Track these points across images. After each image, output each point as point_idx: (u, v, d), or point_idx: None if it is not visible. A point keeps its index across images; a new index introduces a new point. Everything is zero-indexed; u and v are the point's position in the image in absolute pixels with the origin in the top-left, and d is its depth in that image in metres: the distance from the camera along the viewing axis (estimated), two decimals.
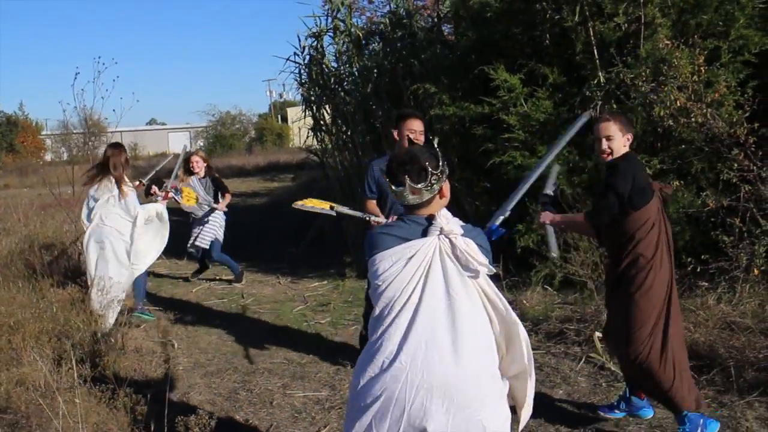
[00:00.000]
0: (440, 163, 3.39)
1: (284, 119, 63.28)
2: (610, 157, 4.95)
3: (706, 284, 7.52)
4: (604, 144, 4.93)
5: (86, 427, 5.02)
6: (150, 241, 8.83)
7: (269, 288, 10.84)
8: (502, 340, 3.50)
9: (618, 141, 4.92)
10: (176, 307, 9.59)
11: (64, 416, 4.94)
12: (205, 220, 10.71)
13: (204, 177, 10.89)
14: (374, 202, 6.33)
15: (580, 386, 6.21)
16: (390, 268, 3.34)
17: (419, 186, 3.34)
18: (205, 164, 10.94)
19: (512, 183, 9.43)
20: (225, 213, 10.93)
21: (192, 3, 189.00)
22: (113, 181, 8.30)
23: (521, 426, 3.77)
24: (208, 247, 10.74)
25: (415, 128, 6.12)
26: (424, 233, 3.35)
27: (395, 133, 6.30)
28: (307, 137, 16.33)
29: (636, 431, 5.30)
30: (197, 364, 7.41)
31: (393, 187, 3.42)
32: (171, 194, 9.64)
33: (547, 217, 5.13)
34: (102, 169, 8.42)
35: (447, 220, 3.35)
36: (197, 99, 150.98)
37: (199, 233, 10.74)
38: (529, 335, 7.38)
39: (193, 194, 10.27)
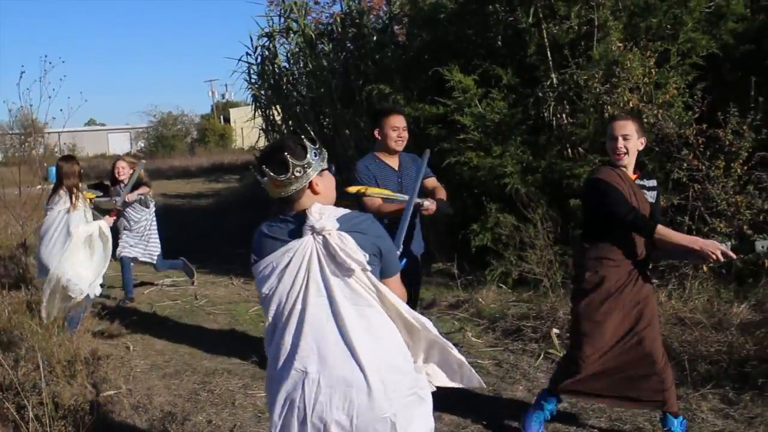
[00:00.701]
0: (308, 156, 3.13)
1: (227, 120, 62.87)
2: (625, 158, 4.70)
3: (657, 281, 7.60)
4: (621, 143, 4.67)
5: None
6: (90, 262, 8.07)
7: (222, 289, 10.75)
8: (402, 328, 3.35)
9: (634, 142, 4.70)
10: (128, 309, 9.42)
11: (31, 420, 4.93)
12: (145, 232, 9.96)
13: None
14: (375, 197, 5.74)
15: (540, 382, 6.24)
16: (271, 275, 3.18)
17: (280, 178, 3.09)
18: (132, 169, 9.66)
19: (467, 183, 9.56)
20: (152, 213, 10.10)
21: (129, 1, 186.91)
22: (66, 193, 7.91)
23: (473, 382, 3.64)
24: (136, 256, 9.92)
25: (398, 124, 5.70)
26: (300, 232, 3.15)
27: (376, 132, 5.83)
28: (259, 138, 16.24)
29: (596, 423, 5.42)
30: (154, 366, 7.32)
31: (258, 178, 3.22)
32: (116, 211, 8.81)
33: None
34: (59, 183, 8.10)
35: (319, 216, 3.12)
36: (137, 99, 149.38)
37: (136, 245, 9.89)
38: (487, 333, 7.55)
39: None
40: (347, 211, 3.23)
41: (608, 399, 4.99)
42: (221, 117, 64.57)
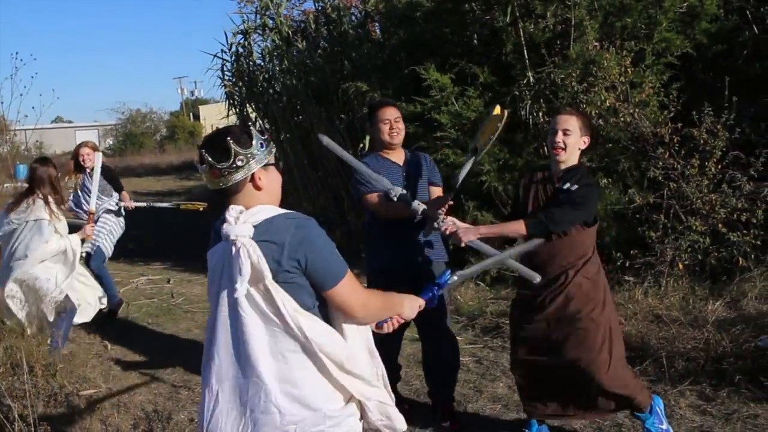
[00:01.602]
0: (254, 145, 2.85)
1: (196, 117, 62.62)
2: (563, 153, 4.49)
3: (633, 279, 7.76)
4: (560, 137, 4.46)
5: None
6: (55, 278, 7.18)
7: (199, 287, 10.71)
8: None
9: (575, 138, 4.48)
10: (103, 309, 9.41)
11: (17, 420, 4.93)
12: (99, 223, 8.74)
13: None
14: (376, 195, 5.28)
15: None
16: (209, 274, 3.01)
17: (220, 166, 2.80)
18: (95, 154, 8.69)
19: (444, 181, 9.58)
20: (121, 216, 9.09)
21: None
22: (40, 201, 7.05)
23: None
24: (89, 251, 8.59)
25: (389, 117, 5.31)
26: None
27: (371, 131, 5.59)
28: None
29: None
30: (133, 364, 7.36)
31: (197, 166, 2.97)
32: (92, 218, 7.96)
33: (469, 233, 4.52)
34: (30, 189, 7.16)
35: (235, 220, 2.82)
36: (105, 96, 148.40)
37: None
38: (466, 330, 7.60)
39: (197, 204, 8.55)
40: (279, 212, 2.88)
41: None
42: (191, 114, 64.33)
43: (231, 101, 15.33)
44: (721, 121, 7.46)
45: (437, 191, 5.46)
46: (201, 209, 8.51)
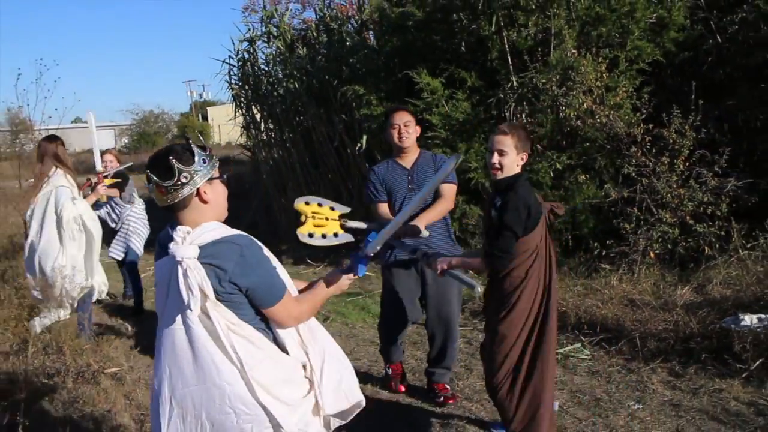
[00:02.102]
0: (196, 162, 2.78)
1: (205, 118, 62.42)
2: (499, 173, 4.19)
3: (609, 266, 7.79)
4: (495, 158, 4.16)
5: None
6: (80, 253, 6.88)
7: None
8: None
9: (511, 158, 4.15)
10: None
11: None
12: (127, 230, 8.55)
13: None
14: (385, 205, 5.36)
15: None
16: (156, 286, 2.96)
17: (166, 185, 2.73)
18: (118, 163, 8.48)
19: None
20: (146, 219, 8.73)
21: (110, 5, 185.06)
22: (59, 171, 6.70)
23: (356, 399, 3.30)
24: (120, 258, 8.64)
25: (397, 121, 5.23)
26: None
27: (385, 134, 5.46)
28: (240, 135, 16.16)
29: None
30: (152, 344, 7.36)
31: (147, 185, 2.84)
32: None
33: (443, 263, 4.32)
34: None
35: (182, 240, 2.74)
36: (120, 98, 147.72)
37: (117, 244, 8.59)
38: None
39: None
40: (225, 235, 2.81)
41: None
42: (200, 115, 64.09)
43: (237, 103, 15.26)
44: (688, 123, 7.51)
45: (447, 188, 5.20)
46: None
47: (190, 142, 2.83)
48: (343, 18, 13.71)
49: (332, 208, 4.47)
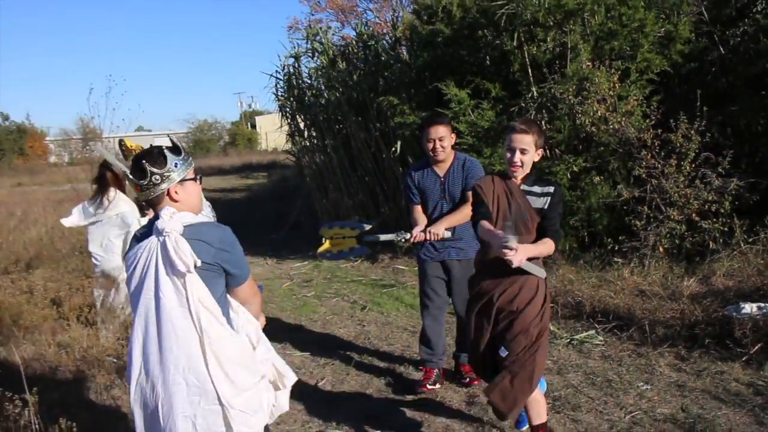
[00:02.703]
0: (168, 165, 2.87)
1: (253, 126, 62.79)
2: (520, 170, 3.91)
3: (621, 260, 7.77)
4: (518, 157, 3.86)
5: None
6: None
7: (259, 268, 10.86)
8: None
9: (531, 155, 3.91)
10: None
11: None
12: None
13: None
14: (419, 207, 5.34)
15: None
16: (129, 271, 2.95)
17: (140, 183, 2.86)
18: None
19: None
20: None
21: (168, 23, 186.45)
22: (122, 195, 6.62)
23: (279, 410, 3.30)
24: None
25: (433, 136, 5.08)
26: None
27: (422, 141, 5.30)
28: (286, 142, 16.29)
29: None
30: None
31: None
32: None
33: (522, 252, 3.67)
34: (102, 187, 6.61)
35: (169, 219, 2.84)
36: (177, 108, 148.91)
37: None
38: None
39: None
40: (205, 220, 3.00)
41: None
42: (248, 124, 64.48)
43: (283, 113, 15.38)
44: (694, 128, 7.46)
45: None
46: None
47: (165, 148, 2.92)
48: (379, 35, 13.78)
49: (353, 228, 4.90)
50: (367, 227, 5.03)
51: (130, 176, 2.89)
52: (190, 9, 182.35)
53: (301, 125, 15.07)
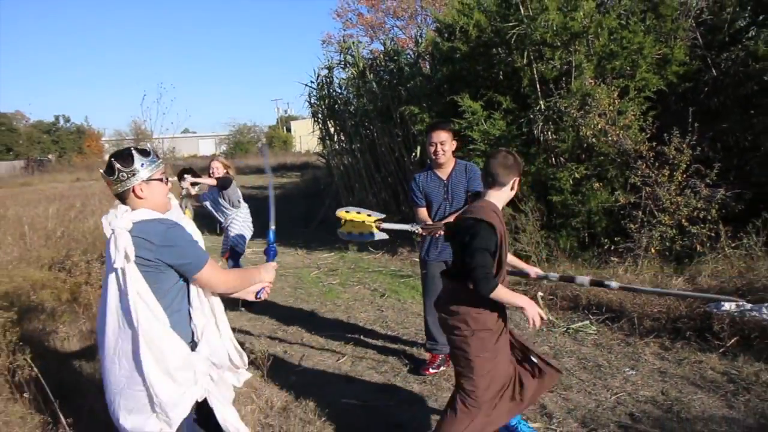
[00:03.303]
0: (135, 165, 2.90)
1: (288, 130, 63.02)
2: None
3: (617, 259, 7.82)
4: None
5: None
6: None
7: (290, 257, 11.07)
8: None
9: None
10: None
11: None
12: (227, 228, 7.98)
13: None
14: (424, 209, 5.37)
15: (528, 331, 6.50)
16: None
17: (110, 178, 2.90)
18: (225, 170, 7.89)
19: None
20: (250, 222, 8.09)
21: (212, 32, 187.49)
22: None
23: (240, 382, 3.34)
24: (232, 246, 7.92)
25: (434, 140, 5.12)
26: None
27: (426, 146, 5.32)
28: (317, 145, 16.48)
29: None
30: (240, 313, 7.69)
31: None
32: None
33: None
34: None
35: (120, 215, 2.86)
36: (220, 112, 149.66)
37: (224, 243, 8.10)
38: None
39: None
40: (156, 217, 2.92)
41: None
42: (284, 127, 64.74)
43: (316, 119, 15.56)
44: (685, 142, 7.49)
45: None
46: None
47: (132, 147, 2.99)
48: (402, 50, 13.92)
49: (369, 215, 4.86)
50: (382, 216, 5.11)
51: (101, 172, 2.95)
52: (234, 22, 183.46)
53: (331, 130, 15.25)
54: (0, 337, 4.90)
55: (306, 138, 43.47)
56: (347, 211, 5.07)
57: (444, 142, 5.16)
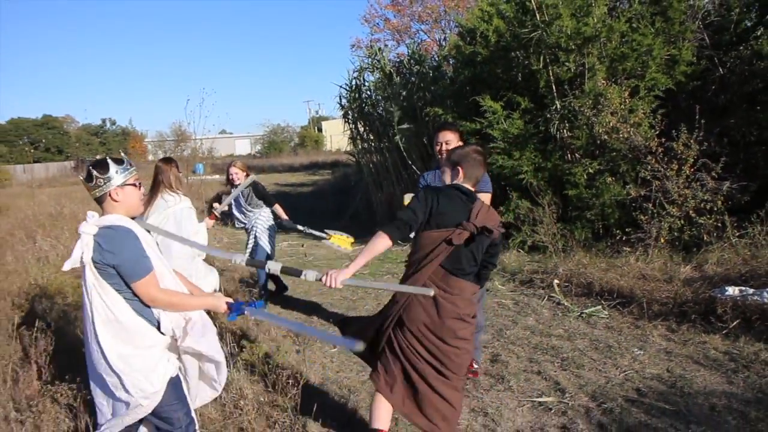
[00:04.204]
0: (110, 172, 3.08)
1: (320, 130, 63.29)
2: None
3: (629, 249, 7.96)
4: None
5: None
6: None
7: (323, 250, 11.25)
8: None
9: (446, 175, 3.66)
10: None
11: None
12: (250, 228, 7.48)
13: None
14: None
15: (544, 315, 6.69)
16: None
17: (88, 184, 3.10)
18: (245, 174, 7.31)
19: (495, 178, 9.73)
20: (272, 221, 7.56)
21: (244, 46, 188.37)
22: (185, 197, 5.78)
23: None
24: (253, 250, 7.41)
25: (440, 139, 4.92)
26: None
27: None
28: (348, 144, 16.69)
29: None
30: (280, 297, 7.93)
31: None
32: (216, 215, 6.60)
33: (341, 275, 3.32)
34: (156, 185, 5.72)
35: (88, 220, 3.07)
36: (255, 114, 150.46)
37: (247, 246, 7.51)
38: (509, 282, 7.83)
39: (345, 240, 5.96)
40: (116, 224, 3.05)
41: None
42: (316, 127, 65.06)
43: (346, 119, 15.77)
44: (693, 137, 7.59)
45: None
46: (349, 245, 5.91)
47: (107, 157, 3.17)
48: (426, 54, 14.06)
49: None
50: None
51: (81, 178, 3.17)
52: (268, 28, 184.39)
53: (361, 130, 15.45)
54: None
55: (337, 137, 43.69)
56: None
57: (449, 142, 4.98)
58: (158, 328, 3.16)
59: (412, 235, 3.50)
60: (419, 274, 3.45)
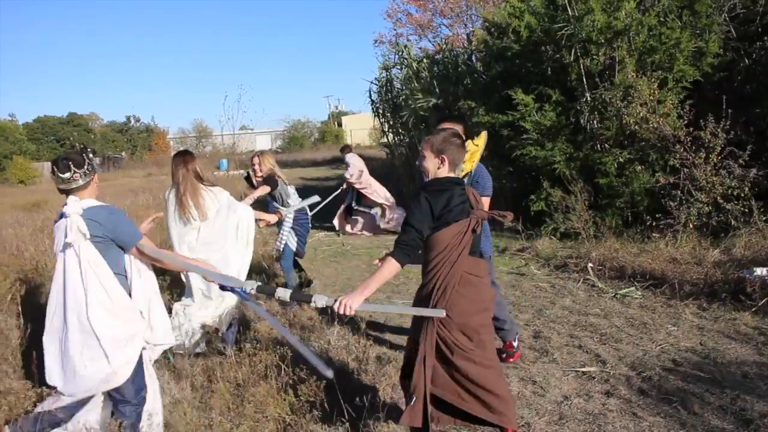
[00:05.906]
0: (86, 166, 3.40)
1: (340, 125, 63.37)
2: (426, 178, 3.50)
3: (658, 235, 8.20)
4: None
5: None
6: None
7: (359, 240, 11.66)
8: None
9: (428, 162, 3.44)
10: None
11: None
12: (281, 227, 7.25)
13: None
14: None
15: (580, 296, 7.00)
16: (55, 241, 3.46)
17: (62, 177, 3.34)
18: (268, 168, 7.09)
19: (528, 168, 10.09)
20: (303, 215, 7.35)
21: (264, 43, 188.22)
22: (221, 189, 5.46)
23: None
24: (279, 251, 7.26)
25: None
26: None
27: None
28: (370, 138, 16.97)
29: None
30: (326, 285, 8.27)
31: (51, 174, 3.42)
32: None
33: (354, 302, 3.18)
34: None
35: (71, 204, 3.33)
36: (276, 109, 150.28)
37: (277, 241, 7.33)
38: (544, 267, 8.15)
39: None
40: (100, 205, 3.42)
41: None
42: (336, 123, 65.18)
43: (376, 113, 16.06)
44: (720, 126, 7.80)
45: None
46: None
47: (84, 149, 3.54)
48: (453, 48, 14.30)
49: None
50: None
51: (56, 170, 3.38)
52: (284, 20, 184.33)
53: (392, 123, 15.74)
54: None
55: (357, 132, 43.81)
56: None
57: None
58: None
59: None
60: (454, 268, 3.32)
